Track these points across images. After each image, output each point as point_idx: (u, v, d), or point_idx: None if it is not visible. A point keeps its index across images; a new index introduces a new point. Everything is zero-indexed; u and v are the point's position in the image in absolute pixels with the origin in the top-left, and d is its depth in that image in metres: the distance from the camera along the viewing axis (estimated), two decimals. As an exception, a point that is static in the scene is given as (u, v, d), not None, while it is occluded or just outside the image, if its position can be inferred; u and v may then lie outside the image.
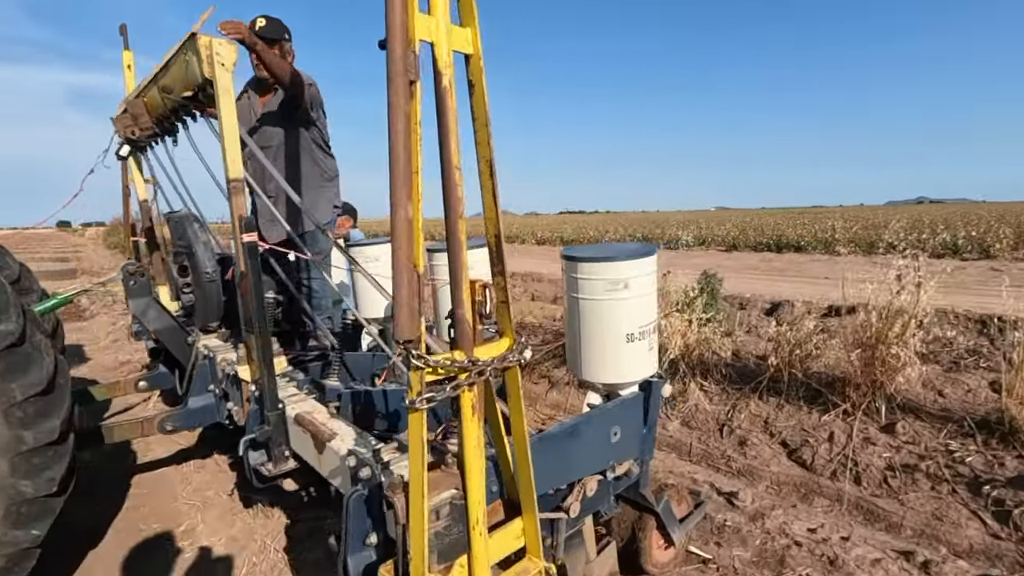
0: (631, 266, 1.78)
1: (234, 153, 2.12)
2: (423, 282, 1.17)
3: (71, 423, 1.96)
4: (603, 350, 1.84)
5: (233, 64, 2.14)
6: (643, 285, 1.81)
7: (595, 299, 1.81)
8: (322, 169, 2.84)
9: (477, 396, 1.28)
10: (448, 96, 1.18)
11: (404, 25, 1.09)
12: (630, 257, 1.77)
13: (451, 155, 1.20)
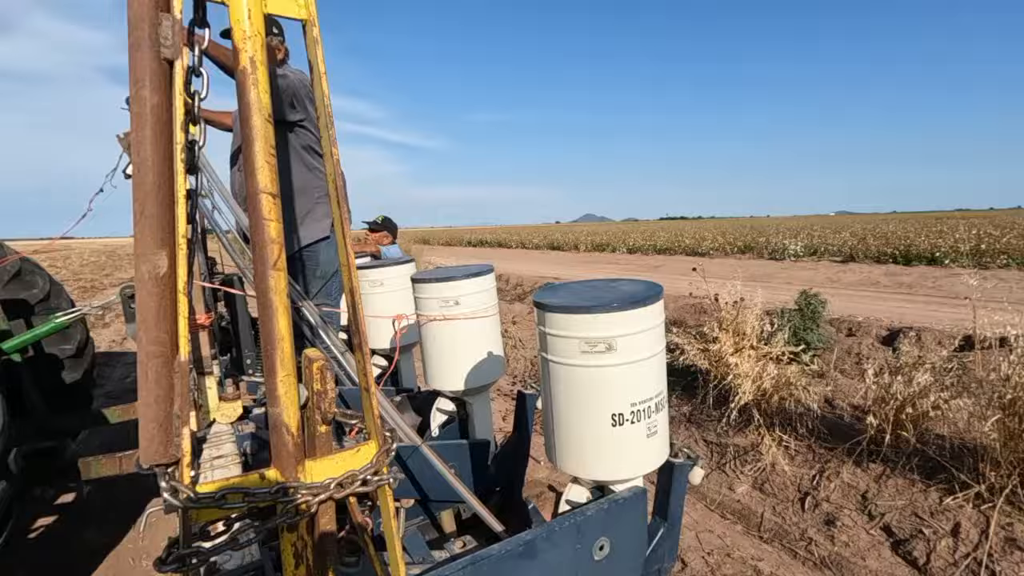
0: (618, 320, 1.25)
1: (179, 170, 1.85)
2: (185, 372, 0.75)
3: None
4: (580, 435, 1.33)
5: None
6: (637, 346, 1.28)
7: (568, 363, 1.31)
8: (315, 177, 2.55)
9: (304, 539, 0.84)
10: (250, 84, 0.77)
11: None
12: (618, 308, 1.25)
13: (256, 174, 0.78)
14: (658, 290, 1.35)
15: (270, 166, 0.78)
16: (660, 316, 1.34)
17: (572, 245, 28.22)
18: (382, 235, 4.44)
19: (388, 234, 4.48)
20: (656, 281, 1.44)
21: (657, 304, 1.32)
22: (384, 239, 4.45)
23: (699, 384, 3.91)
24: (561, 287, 1.49)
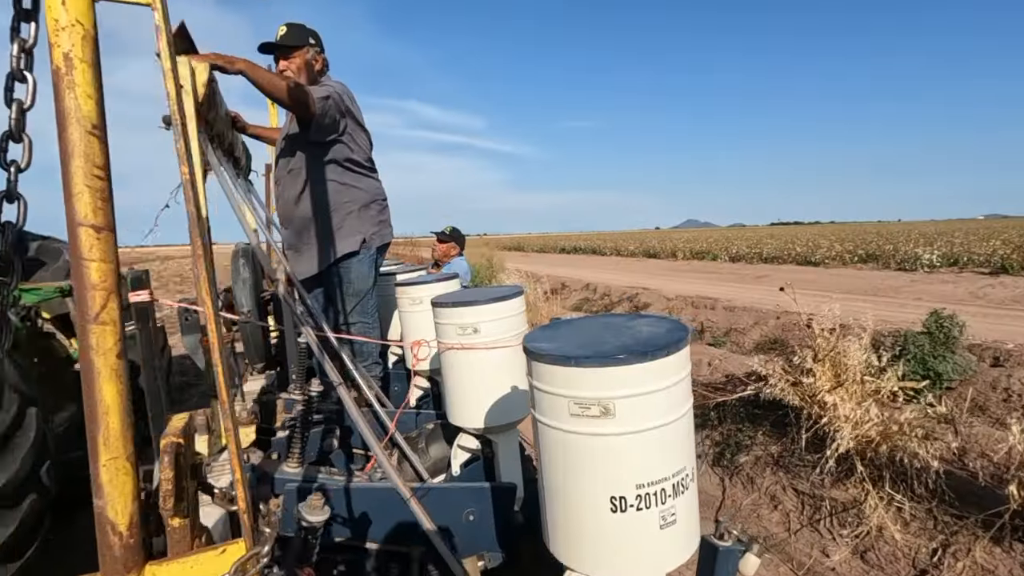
0: (617, 377, 0.96)
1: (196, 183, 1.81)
2: None
3: (28, 485, 1.82)
4: (572, 517, 1.05)
5: (200, 87, 1.84)
6: (644, 411, 0.98)
7: (556, 426, 1.03)
8: (348, 191, 2.46)
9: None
10: (65, 87, 0.60)
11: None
12: (618, 361, 0.96)
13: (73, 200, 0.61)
14: (680, 336, 1.04)
15: (91, 191, 0.61)
16: (681, 371, 1.03)
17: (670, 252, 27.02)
18: (449, 246, 4.34)
19: (455, 245, 4.38)
20: (756, 294, 1.12)
21: (676, 355, 1.01)
22: (451, 250, 4.35)
23: (790, 421, 3.37)
24: (566, 325, 1.21)
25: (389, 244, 2.68)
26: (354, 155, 2.47)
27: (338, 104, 2.33)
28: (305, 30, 2.48)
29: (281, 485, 1.76)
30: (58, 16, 0.62)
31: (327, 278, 2.51)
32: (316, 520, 1.01)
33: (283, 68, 2.43)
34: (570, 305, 12.07)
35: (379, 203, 2.58)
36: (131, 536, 0.64)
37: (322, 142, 2.38)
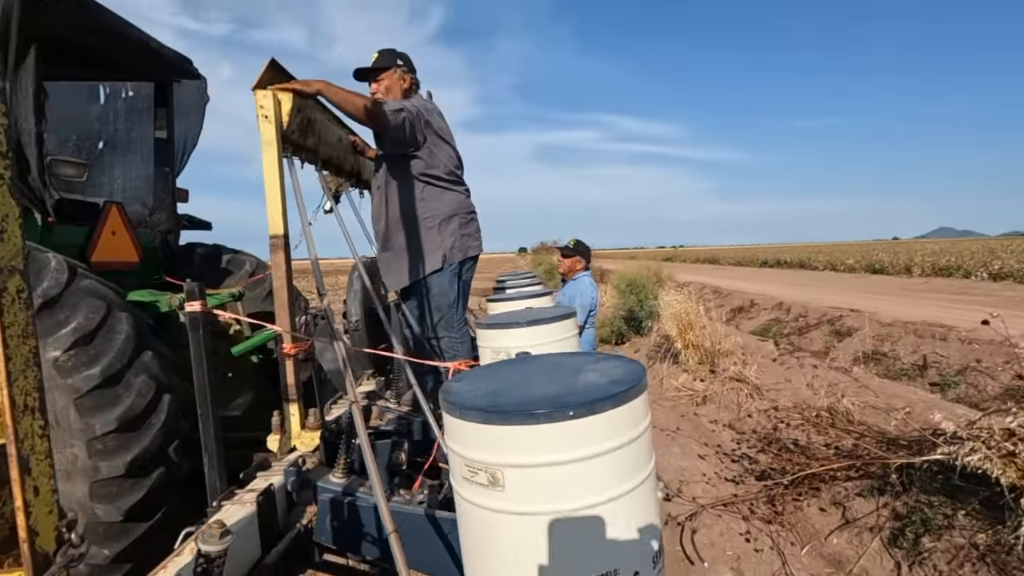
0: (506, 436, 0.75)
1: (274, 208, 1.99)
2: None
3: (158, 460, 2.18)
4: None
5: (285, 114, 2.01)
6: (540, 485, 0.74)
7: (456, 489, 0.85)
8: (428, 205, 2.48)
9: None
10: None
11: None
12: (506, 417, 0.75)
13: None
14: (621, 389, 0.77)
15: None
16: (609, 437, 0.76)
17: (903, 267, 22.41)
18: (574, 261, 4.18)
19: (580, 259, 4.20)
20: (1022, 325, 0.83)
21: (597, 417, 0.74)
22: (576, 264, 4.18)
23: (1007, 504, 2.46)
24: (516, 364, 1.01)
25: (476, 257, 2.64)
26: (433, 170, 2.49)
27: (412, 118, 2.37)
28: (394, 53, 2.60)
29: (321, 493, 1.81)
30: None
31: (415, 292, 2.58)
32: (212, 550, 0.99)
33: (373, 91, 2.57)
34: (755, 327, 10.76)
35: (461, 216, 2.57)
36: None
37: (400, 157, 2.45)
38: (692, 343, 6.27)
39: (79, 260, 2.75)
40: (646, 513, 0.80)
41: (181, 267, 3.60)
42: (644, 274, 9.85)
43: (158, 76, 3.48)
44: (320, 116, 2.36)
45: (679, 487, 3.70)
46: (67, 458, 2.05)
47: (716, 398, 5.41)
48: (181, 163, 3.72)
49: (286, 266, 2.02)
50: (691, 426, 4.99)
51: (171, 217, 3.61)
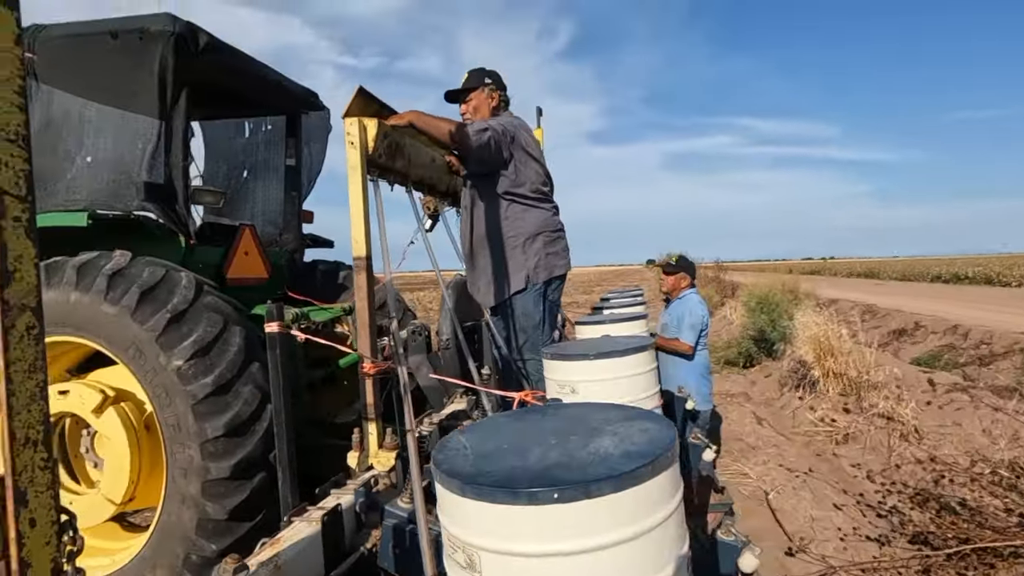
0: (482, 516, 0.63)
1: (357, 230, 2.05)
2: None
3: (260, 464, 2.35)
4: None
5: (371, 140, 2.08)
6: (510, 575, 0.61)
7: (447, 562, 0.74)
8: (513, 224, 2.40)
9: None
10: None
11: None
12: (481, 492, 0.63)
13: None
14: (631, 467, 0.62)
15: None
16: (614, 529, 0.61)
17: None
18: (678, 278, 3.85)
19: (685, 275, 3.86)
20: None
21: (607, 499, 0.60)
22: (681, 282, 3.84)
23: None
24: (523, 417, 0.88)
25: (563, 276, 2.52)
26: (519, 187, 2.42)
27: (496, 136, 2.33)
28: (483, 72, 2.58)
29: (387, 518, 1.80)
30: None
31: (501, 312, 2.52)
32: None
33: (463, 111, 2.57)
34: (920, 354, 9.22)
35: (547, 234, 2.46)
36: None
37: (485, 175, 2.41)
38: (833, 371, 5.51)
39: (216, 277, 3.10)
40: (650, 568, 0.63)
41: (305, 282, 3.92)
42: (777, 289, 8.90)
43: (289, 109, 3.85)
44: (409, 140, 2.41)
45: (806, 541, 3.21)
46: (185, 458, 2.27)
47: (860, 438, 4.67)
48: (308, 188, 4.07)
49: (368, 287, 2.07)
50: (827, 468, 4.35)
51: (297, 237, 3.95)
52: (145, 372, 2.30)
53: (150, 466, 2.48)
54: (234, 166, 4.03)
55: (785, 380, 6.60)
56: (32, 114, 2.88)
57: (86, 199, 2.88)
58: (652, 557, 0.62)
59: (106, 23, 2.86)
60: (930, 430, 4.32)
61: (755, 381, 7.32)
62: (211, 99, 3.38)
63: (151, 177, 2.79)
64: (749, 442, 5.00)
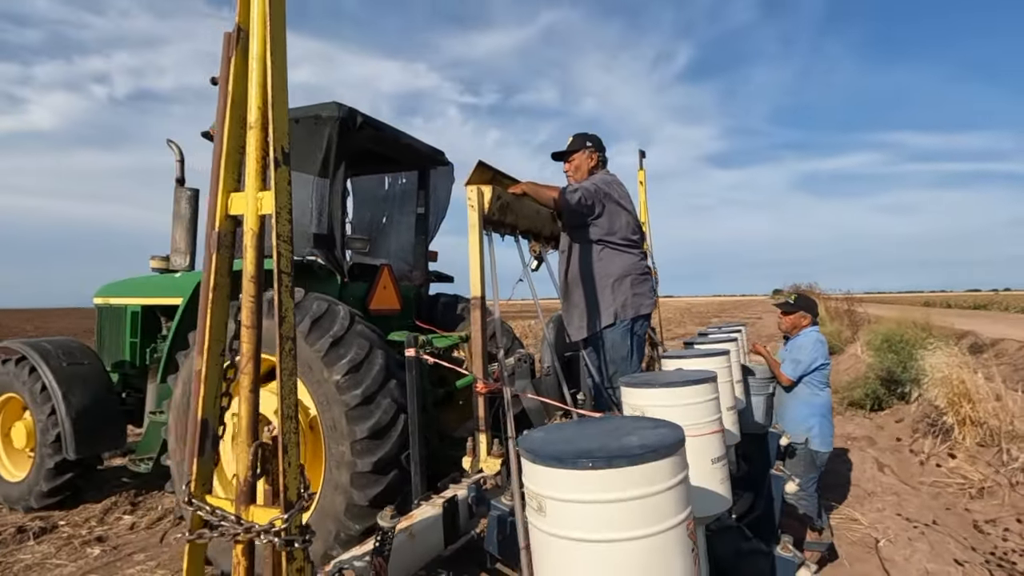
0: (547, 478, 1.01)
1: (474, 276, 2.54)
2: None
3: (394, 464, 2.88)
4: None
5: (488, 202, 2.57)
6: (576, 520, 0.98)
7: (531, 520, 1.12)
8: (604, 266, 2.76)
9: (241, 556, 1.23)
10: (244, 259, 1.29)
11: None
12: (548, 461, 1.01)
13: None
14: (637, 450, 0.97)
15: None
16: (634, 487, 0.96)
17: None
18: (797, 317, 3.79)
19: (805, 314, 3.80)
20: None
21: (624, 472, 0.95)
22: (801, 321, 3.78)
23: None
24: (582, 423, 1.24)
25: (648, 314, 2.82)
26: (611, 236, 2.79)
27: (586, 196, 2.76)
28: (585, 136, 3.00)
29: (492, 510, 2.20)
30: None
31: (592, 344, 2.87)
32: (384, 525, 1.41)
33: (566, 169, 3.02)
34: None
35: (634, 277, 2.78)
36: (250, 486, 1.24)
37: (579, 226, 2.81)
38: (970, 418, 5.06)
39: (361, 308, 3.79)
40: (666, 558, 0.95)
41: (430, 313, 4.56)
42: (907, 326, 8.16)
43: (420, 166, 4.56)
44: (516, 199, 2.90)
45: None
46: (338, 454, 2.87)
47: (999, 493, 4.28)
48: (433, 231, 4.75)
49: (481, 321, 2.53)
50: (955, 522, 4.05)
51: (424, 273, 4.62)
52: (313, 383, 2.95)
53: (311, 458, 3.13)
54: (375, 214, 4.82)
55: (916, 425, 6.10)
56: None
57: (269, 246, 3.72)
58: (653, 513, 0.95)
59: (304, 111, 3.71)
60: None
61: (882, 425, 6.80)
62: (361, 161, 4.17)
63: (319, 228, 3.55)
64: (866, 488, 4.75)
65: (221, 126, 1.34)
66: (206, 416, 1.34)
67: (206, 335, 1.32)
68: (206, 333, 1.32)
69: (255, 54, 1.29)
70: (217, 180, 1.33)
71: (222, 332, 1.36)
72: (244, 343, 1.29)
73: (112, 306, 5.01)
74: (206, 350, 1.34)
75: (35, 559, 3.58)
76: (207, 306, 1.34)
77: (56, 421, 4.13)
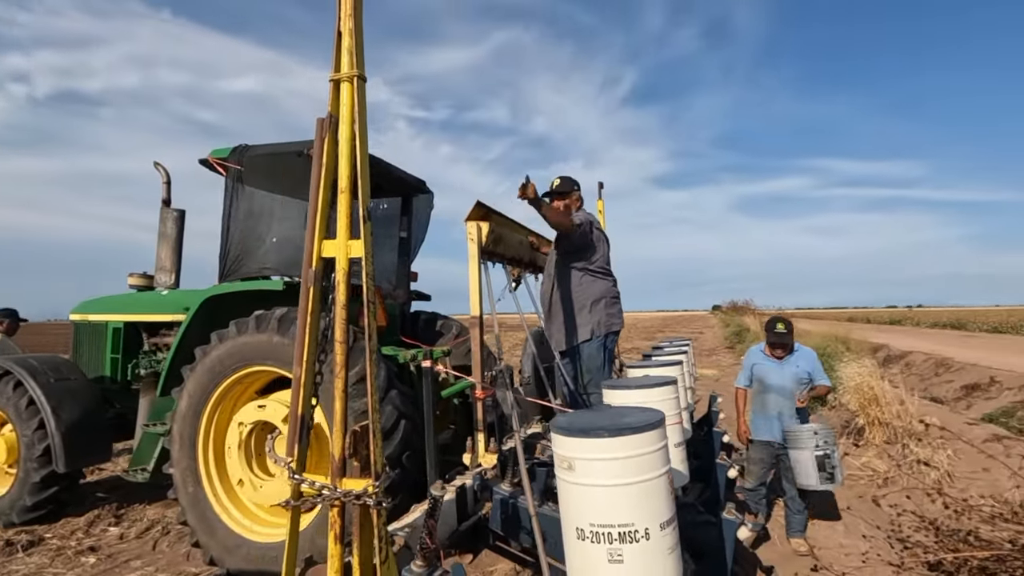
0: (575, 444, 1.48)
1: (473, 298, 2.98)
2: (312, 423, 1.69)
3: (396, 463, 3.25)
4: (565, 538, 1.55)
5: (485, 236, 3.04)
6: (594, 471, 1.45)
7: (556, 472, 1.59)
8: (584, 290, 3.30)
9: (336, 516, 1.62)
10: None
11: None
12: (575, 433, 1.48)
13: (334, 332, 1.69)
14: (634, 425, 1.45)
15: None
16: (632, 449, 1.44)
17: None
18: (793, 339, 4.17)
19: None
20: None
21: (623, 439, 1.44)
22: (795, 340, 4.28)
23: None
24: (602, 410, 1.72)
25: (619, 331, 3.37)
26: (592, 264, 3.33)
27: (588, 228, 3.28)
28: (570, 180, 3.55)
29: (495, 495, 2.65)
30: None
31: (571, 355, 3.37)
32: (436, 494, 1.84)
33: (557, 204, 3.54)
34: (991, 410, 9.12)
35: (607, 299, 3.33)
36: (341, 461, 1.63)
37: (569, 252, 3.33)
38: (878, 419, 5.89)
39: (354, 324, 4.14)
40: (657, 497, 1.43)
41: (411, 329, 4.94)
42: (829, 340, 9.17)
43: (403, 193, 4.97)
44: (507, 231, 3.38)
45: (829, 562, 3.72)
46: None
47: (899, 481, 5.06)
48: (414, 253, 5.15)
49: (480, 337, 2.98)
50: (866, 508, 4.77)
51: (406, 292, 5.00)
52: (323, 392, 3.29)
53: (319, 462, 3.45)
54: (361, 237, 5.18)
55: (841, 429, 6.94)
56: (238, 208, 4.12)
57: (273, 266, 4.04)
58: (646, 465, 1.44)
59: (294, 145, 4.05)
60: (962, 475, 4.68)
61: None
62: (354, 192, 4.54)
63: (318, 252, 3.90)
64: (794, 482, 5.45)
65: (316, 189, 1.75)
66: (303, 412, 1.72)
67: (305, 349, 1.71)
68: (305, 347, 1.71)
69: (344, 136, 1.72)
70: (313, 229, 1.73)
71: (315, 347, 1.76)
72: (338, 355, 1.70)
73: (91, 322, 5.10)
74: (304, 361, 1.73)
75: (30, 570, 3.69)
76: (304, 327, 1.73)
77: (43, 436, 4.22)
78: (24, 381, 4.30)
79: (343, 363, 1.67)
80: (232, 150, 4.15)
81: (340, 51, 1.71)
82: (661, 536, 1.43)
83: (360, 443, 1.64)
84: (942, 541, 3.84)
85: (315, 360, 1.76)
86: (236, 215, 4.11)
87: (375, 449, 1.61)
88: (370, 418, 1.64)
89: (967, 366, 13.24)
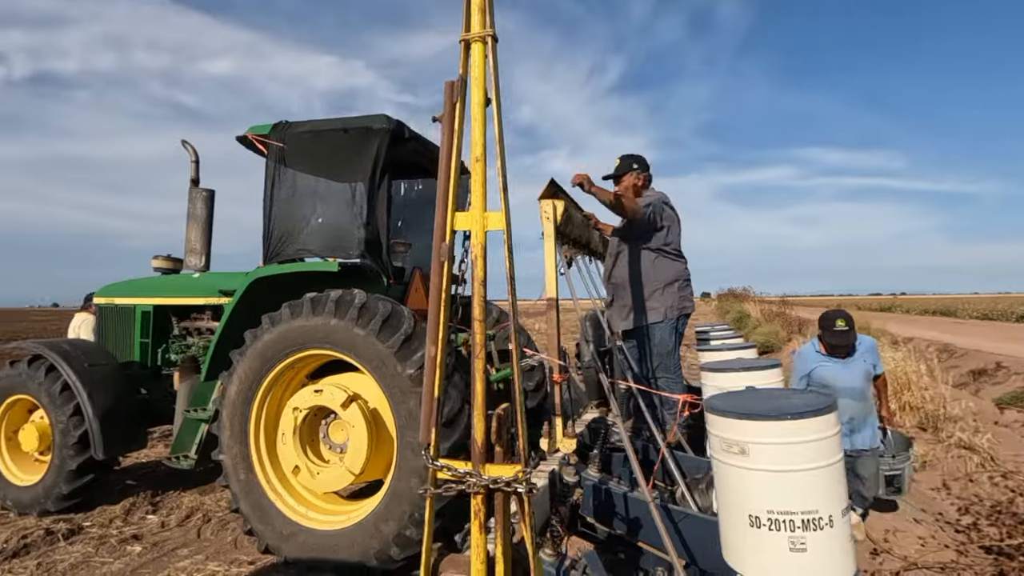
0: (750, 428, 1.40)
1: (550, 279, 2.89)
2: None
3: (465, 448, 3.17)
4: (729, 526, 1.48)
5: (559, 215, 2.93)
6: (772, 456, 1.37)
7: (719, 457, 1.51)
8: (657, 271, 3.22)
9: (481, 504, 1.53)
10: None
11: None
12: (751, 416, 1.40)
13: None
14: (814, 408, 1.37)
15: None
16: (817, 433, 1.36)
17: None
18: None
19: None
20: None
21: (806, 421, 1.36)
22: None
23: None
24: (752, 392, 1.64)
25: (690, 313, 3.30)
26: (667, 245, 3.24)
27: (656, 211, 3.19)
28: (631, 158, 3.44)
29: (585, 481, 2.57)
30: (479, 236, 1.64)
31: (638, 337, 3.30)
32: (568, 480, 1.76)
33: (617, 189, 3.44)
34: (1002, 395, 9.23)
35: (681, 282, 3.25)
36: (484, 448, 1.54)
37: (642, 235, 3.25)
38: (909, 404, 5.91)
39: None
40: (840, 482, 1.36)
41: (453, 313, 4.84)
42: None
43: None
44: (573, 211, 3.27)
45: (888, 546, 3.72)
46: (414, 441, 3.12)
47: (939, 465, 5.07)
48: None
49: (556, 319, 2.89)
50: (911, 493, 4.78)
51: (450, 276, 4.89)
52: (385, 378, 3.19)
53: (376, 447, 3.35)
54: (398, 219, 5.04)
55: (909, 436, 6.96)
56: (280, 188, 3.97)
57: (317, 248, 3.91)
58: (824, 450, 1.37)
59: (338, 121, 3.90)
60: (1007, 458, 4.70)
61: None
62: (399, 169, 4.40)
63: (367, 233, 3.77)
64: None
65: (448, 159, 1.64)
66: (439, 395, 1.62)
67: (440, 329, 1.61)
68: (439, 327, 1.61)
69: (476, 100, 1.60)
70: (445, 200, 1.62)
71: (448, 325, 1.65)
72: (476, 334, 1.60)
73: (118, 306, 4.94)
74: (439, 340, 1.63)
75: (76, 559, 3.58)
76: (439, 304, 1.63)
77: (79, 422, 4.09)
78: (57, 365, 4.15)
79: (482, 343, 1.57)
80: (273, 127, 3.99)
81: (471, 10, 1.59)
82: (843, 523, 1.36)
83: (502, 427, 1.55)
84: (997, 525, 3.84)
85: (448, 339, 1.66)
86: (278, 195, 3.96)
87: (523, 434, 1.52)
88: (516, 400, 1.55)
89: (971, 352, 13.42)
